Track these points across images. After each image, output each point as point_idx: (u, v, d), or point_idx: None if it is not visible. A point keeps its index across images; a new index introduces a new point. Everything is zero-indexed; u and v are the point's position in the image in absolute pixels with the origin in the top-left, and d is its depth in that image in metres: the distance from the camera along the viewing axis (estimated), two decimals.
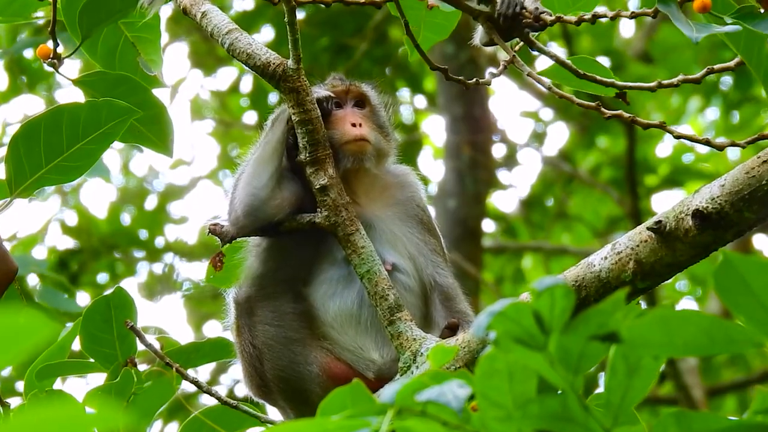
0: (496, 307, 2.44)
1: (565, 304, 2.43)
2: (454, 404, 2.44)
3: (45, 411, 1.93)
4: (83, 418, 1.95)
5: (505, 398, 2.51)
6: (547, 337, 2.45)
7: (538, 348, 2.46)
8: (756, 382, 11.99)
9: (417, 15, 4.48)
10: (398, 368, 4.15)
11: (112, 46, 4.52)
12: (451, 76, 4.21)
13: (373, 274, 4.22)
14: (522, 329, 2.44)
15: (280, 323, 4.31)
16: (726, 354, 2.85)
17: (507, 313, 2.43)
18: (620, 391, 2.54)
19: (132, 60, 4.52)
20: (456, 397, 2.46)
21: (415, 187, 4.55)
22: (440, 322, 4.34)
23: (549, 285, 2.42)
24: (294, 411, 4.35)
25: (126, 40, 4.52)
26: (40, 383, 4.18)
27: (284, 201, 4.30)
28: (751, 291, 2.43)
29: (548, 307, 2.43)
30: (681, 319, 2.42)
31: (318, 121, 4.23)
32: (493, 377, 2.50)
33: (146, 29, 4.49)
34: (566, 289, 2.40)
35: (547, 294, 2.42)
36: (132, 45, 4.53)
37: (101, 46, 4.50)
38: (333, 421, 2.47)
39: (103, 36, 4.48)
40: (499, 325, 2.44)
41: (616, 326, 2.43)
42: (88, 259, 12.15)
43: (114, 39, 4.51)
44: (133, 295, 4.30)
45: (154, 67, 4.52)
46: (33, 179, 4.16)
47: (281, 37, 10.99)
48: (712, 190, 3.86)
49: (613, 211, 13.23)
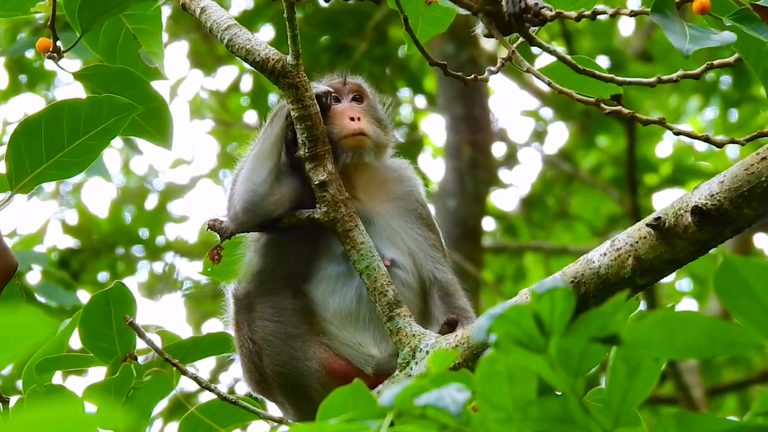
0: (496, 309, 2.45)
1: (565, 306, 2.43)
2: (453, 408, 2.44)
3: (44, 409, 1.94)
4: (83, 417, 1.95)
5: (505, 400, 2.51)
6: (548, 340, 2.45)
7: (539, 350, 2.46)
8: (756, 381, 11.99)
9: (415, 9, 4.49)
10: (397, 364, 4.15)
11: (113, 39, 4.51)
12: (450, 72, 4.22)
13: (372, 269, 4.22)
14: (522, 331, 2.44)
15: (279, 319, 4.31)
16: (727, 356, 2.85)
17: (507, 315, 2.44)
18: (621, 392, 2.54)
19: (133, 52, 4.52)
20: (455, 400, 2.46)
21: (414, 182, 4.55)
22: (439, 317, 4.34)
23: (549, 287, 2.42)
24: (293, 407, 4.35)
25: (127, 32, 4.52)
26: (39, 377, 4.19)
27: (283, 197, 4.31)
28: (752, 293, 2.43)
29: (548, 310, 2.43)
30: (682, 321, 2.42)
31: (317, 116, 4.23)
32: (493, 379, 2.50)
33: (147, 21, 4.49)
34: (566, 291, 2.41)
35: (547, 296, 2.42)
36: (133, 37, 4.53)
37: (102, 39, 4.50)
38: (331, 425, 2.47)
39: (104, 28, 4.48)
40: (499, 328, 2.44)
41: (616, 328, 2.43)
42: (89, 258, 12.16)
43: (115, 31, 4.51)
44: (134, 294, 4.31)
45: (156, 59, 4.52)
46: (33, 175, 4.16)
47: (281, 36, 10.99)
48: (711, 187, 3.86)
49: (613, 210, 13.23)
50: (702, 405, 11.07)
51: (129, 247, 12.58)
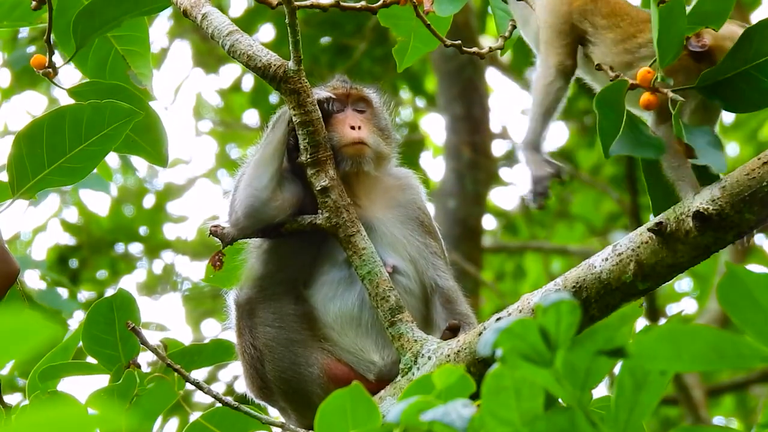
0: (502, 323, 2.44)
1: (571, 319, 2.42)
2: (459, 424, 2.44)
3: (47, 413, 1.94)
4: (86, 421, 1.95)
5: (512, 415, 2.51)
6: (554, 353, 2.45)
7: (545, 364, 2.46)
8: (756, 382, 11.99)
9: (407, 25, 4.51)
10: (399, 369, 4.16)
11: (102, 59, 4.53)
12: (466, 50, 4.25)
13: (374, 275, 4.22)
14: (528, 345, 2.44)
15: (281, 325, 4.32)
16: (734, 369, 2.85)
17: (513, 329, 2.43)
18: (628, 406, 2.54)
19: (122, 73, 4.53)
20: (461, 416, 2.46)
21: (417, 190, 4.54)
22: (441, 324, 4.34)
23: (554, 300, 2.41)
24: (295, 412, 4.35)
25: (116, 53, 4.53)
26: (43, 384, 4.19)
27: (285, 202, 4.31)
28: (758, 304, 2.42)
29: (554, 323, 2.43)
30: (688, 334, 2.41)
31: (319, 122, 4.24)
32: (500, 394, 2.50)
33: (136, 42, 4.51)
34: (572, 304, 2.40)
35: (552, 310, 2.41)
36: (122, 58, 4.54)
37: (91, 59, 4.52)
38: None
39: (94, 48, 4.49)
40: (505, 342, 2.44)
41: (622, 341, 2.43)
42: (89, 255, 12.15)
43: (104, 52, 4.53)
44: (133, 293, 4.30)
45: (144, 80, 4.53)
46: (35, 180, 4.16)
47: (282, 37, 10.99)
48: (713, 192, 3.86)
49: (613, 209, 13.23)
50: (702, 405, 11.07)
51: (128, 243, 12.57)
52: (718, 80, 3.95)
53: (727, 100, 3.97)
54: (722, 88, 3.95)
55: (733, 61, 3.93)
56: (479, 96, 10.89)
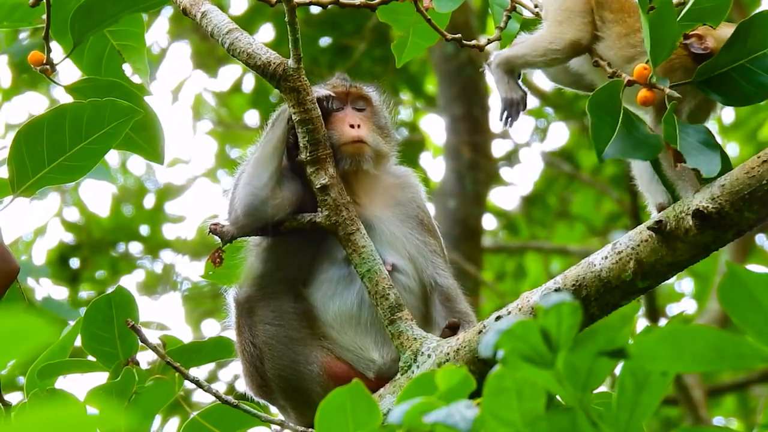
0: (503, 324, 2.44)
1: (572, 321, 2.42)
2: (462, 426, 2.44)
3: (47, 411, 1.94)
4: (85, 420, 1.95)
5: (514, 416, 2.50)
6: (555, 355, 2.44)
7: (546, 365, 2.45)
8: (756, 382, 11.99)
9: (407, 20, 4.51)
10: (398, 368, 4.16)
11: (98, 55, 4.53)
12: (466, 43, 4.25)
13: (373, 273, 4.22)
14: (529, 347, 2.43)
15: (280, 323, 4.32)
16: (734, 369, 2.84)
17: (514, 331, 2.43)
18: (629, 407, 2.53)
19: (118, 68, 4.54)
20: (464, 418, 2.45)
21: (416, 188, 4.55)
22: (440, 322, 4.34)
23: (556, 302, 2.41)
24: (294, 410, 4.35)
25: (112, 49, 4.53)
26: (41, 382, 4.18)
27: (284, 200, 4.31)
28: (759, 305, 2.42)
29: (555, 324, 2.42)
30: (689, 335, 2.40)
31: (318, 120, 4.24)
32: (501, 395, 2.50)
33: (132, 37, 4.51)
34: (573, 305, 2.39)
35: (554, 311, 2.41)
36: (118, 53, 4.54)
37: (87, 54, 4.52)
38: None
39: (90, 44, 4.49)
40: (506, 343, 2.43)
41: (623, 342, 2.42)
42: (89, 255, 12.16)
43: (100, 47, 4.53)
44: (133, 293, 4.30)
45: (141, 75, 4.53)
46: (35, 178, 4.16)
47: (281, 36, 10.99)
48: (713, 190, 3.86)
49: (613, 209, 13.23)
50: (702, 405, 11.07)
51: (128, 242, 12.58)
52: (714, 74, 3.95)
53: (722, 94, 3.97)
54: (718, 81, 3.95)
55: (729, 54, 3.93)
56: (479, 96, 10.89)
